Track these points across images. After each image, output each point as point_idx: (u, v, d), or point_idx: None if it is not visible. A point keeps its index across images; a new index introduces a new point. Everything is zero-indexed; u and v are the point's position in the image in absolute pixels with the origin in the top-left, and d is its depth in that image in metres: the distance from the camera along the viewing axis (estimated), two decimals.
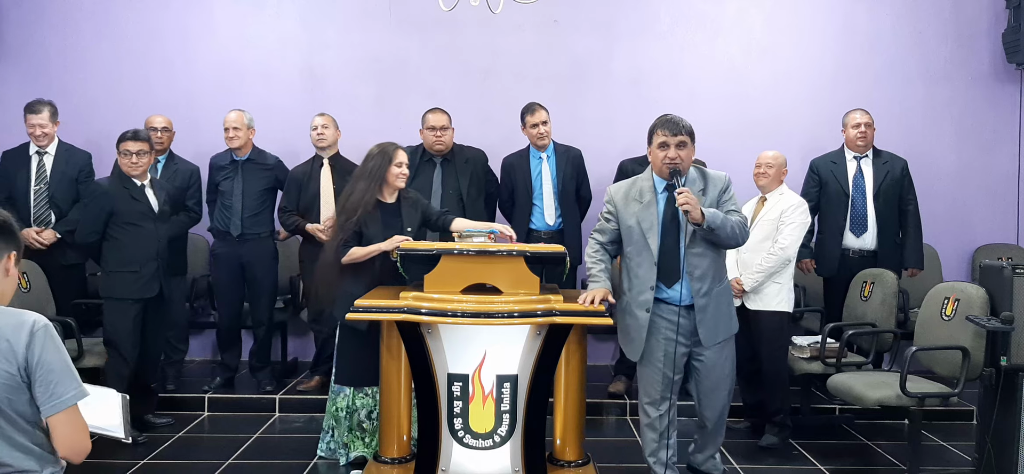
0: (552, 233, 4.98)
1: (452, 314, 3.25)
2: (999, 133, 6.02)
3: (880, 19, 5.99)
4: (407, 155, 4.01)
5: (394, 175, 3.91)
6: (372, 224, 3.83)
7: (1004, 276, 3.63)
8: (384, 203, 3.93)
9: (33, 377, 1.95)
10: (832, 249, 5.05)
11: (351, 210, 3.83)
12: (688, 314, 3.42)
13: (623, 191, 3.53)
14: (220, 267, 5.16)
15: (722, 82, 5.96)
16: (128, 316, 4.33)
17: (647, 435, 3.56)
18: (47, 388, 1.95)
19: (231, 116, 5.06)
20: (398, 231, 3.86)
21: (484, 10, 4.79)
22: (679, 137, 3.34)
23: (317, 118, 5.13)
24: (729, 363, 3.56)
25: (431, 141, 4.96)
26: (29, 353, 1.94)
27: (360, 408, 3.97)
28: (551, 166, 5.06)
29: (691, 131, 3.39)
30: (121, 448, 4.28)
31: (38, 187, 4.88)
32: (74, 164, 4.98)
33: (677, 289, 3.39)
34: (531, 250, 3.50)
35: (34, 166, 4.91)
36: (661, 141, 3.37)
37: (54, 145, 4.95)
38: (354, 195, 3.86)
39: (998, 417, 3.66)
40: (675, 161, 3.34)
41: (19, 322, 1.96)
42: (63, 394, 1.96)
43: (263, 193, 5.13)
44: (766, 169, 4.48)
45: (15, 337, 1.94)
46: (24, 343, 1.94)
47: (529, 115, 5.02)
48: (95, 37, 5.94)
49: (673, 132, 3.34)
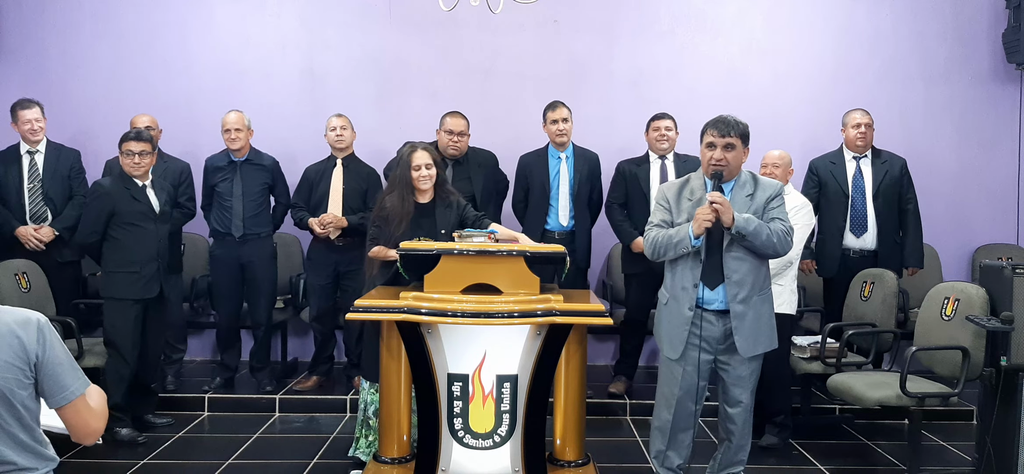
0: (565, 234, 4.97)
1: (452, 314, 3.25)
2: (999, 133, 6.02)
3: (880, 19, 5.99)
4: (429, 153, 3.93)
5: (416, 179, 3.89)
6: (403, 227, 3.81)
7: (1004, 276, 3.63)
8: (418, 204, 3.92)
9: (40, 372, 1.97)
10: (832, 249, 5.05)
11: (384, 218, 3.85)
12: (718, 319, 3.33)
13: (676, 189, 3.45)
14: (219, 268, 5.16)
15: (722, 82, 5.96)
16: (129, 316, 4.33)
17: (655, 437, 3.52)
18: (57, 382, 1.98)
19: (231, 117, 5.06)
20: (429, 231, 3.84)
21: (484, 10, 4.79)
22: (727, 139, 3.26)
23: (334, 119, 5.13)
24: (756, 377, 3.44)
25: (446, 143, 4.94)
26: (39, 349, 1.96)
27: (370, 404, 3.94)
28: (569, 167, 5.05)
29: (744, 133, 3.30)
30: (121, 448, 4.30)
31: (32, 185, 4.89)
32: (65, 161, 5.01)
33: (718, 293, 3.30)
34: (530, 250, 3.50)
35: (26, 165, 4.92)
36: (709, 141, 3.30)
37: (43, 143, 4.97)
38: (388, 205, 3.87)
39: (998, 417, 3.67)
40: (720, 163, 3.28)
41: (24, 319, 1.98)
42: (71, 385, 2.00)
43: (262, 193, 5.13)
44: (772, 169, 4.46)
45: (25, 334, 1.95)
46: (34, 339, 1.96)
47: (550, 111, 5.00)
48: (95, 37, 5.94)
49: (722, 133, 3.27)
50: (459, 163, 5.01)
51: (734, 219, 3.18)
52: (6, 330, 1.94)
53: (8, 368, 1.93)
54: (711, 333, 3.33)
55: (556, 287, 3.67)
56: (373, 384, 3.90)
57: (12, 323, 1.96)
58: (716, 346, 3.36)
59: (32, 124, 4.87)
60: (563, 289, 3.69)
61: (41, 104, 4.96)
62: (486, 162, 5.11)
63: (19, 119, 4.88)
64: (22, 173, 4.90)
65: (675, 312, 3.36)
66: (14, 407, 1.95)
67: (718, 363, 3.40)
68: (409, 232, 3.80)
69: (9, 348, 1.94)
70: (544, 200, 5.02)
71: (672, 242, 3.30)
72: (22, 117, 4.87)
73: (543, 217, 5.03)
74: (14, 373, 1.93)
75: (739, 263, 3.28)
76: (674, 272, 3.39)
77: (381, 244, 3.83)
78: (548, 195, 5.02)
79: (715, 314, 3.32)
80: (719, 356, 3.38)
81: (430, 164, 3.91)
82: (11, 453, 1.97)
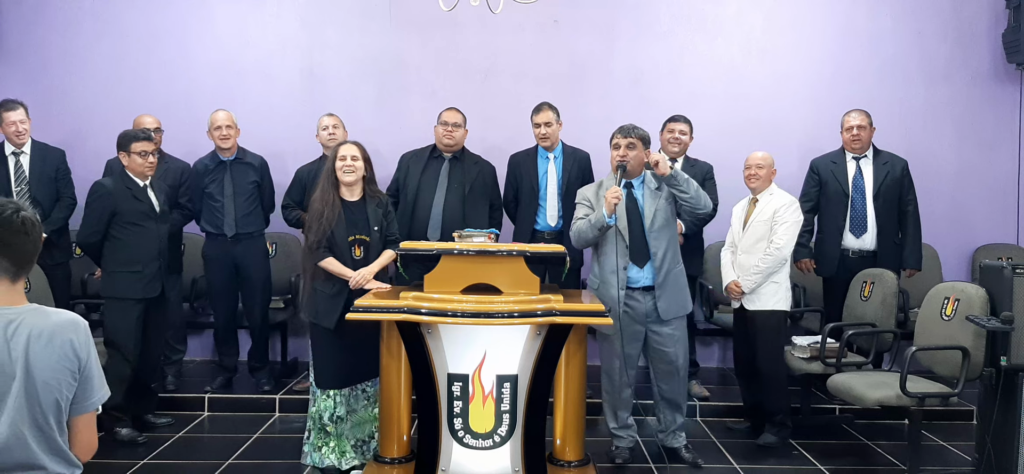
0: (554, 234, 4.97)
1: (452, 314, 3.25)
2: (999, 133, 6.02)
3: (880, 19, 5.99)
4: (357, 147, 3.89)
5: (340, 169, 3.83)
6: (337, 224, 3.79)
7: (1004, 276, 3.63)
8: (348, 201, 3.88)
9: (82, 375, 1.91)
10: (831, 249, 5.05)
11: (317, 213, 3.80)
12: (643, 296, 3.99)
13: (594, 190, 4.12)
14: (213, 268, 5.15)
15: (722, 82, 5.96)
16: (131, 316, 4.33)
17: (606, 405, 4.20)
18: (89, 384, 1.92)
19: (221, 115, 5.04)
20: (362, 229, 3.84)
21: (484, 10, 4.79)
22: (629, 139, 3.97)
23: (326, 118, 5.12)
24: (684, 342, 4.12)
25: (441, 135, 4.96)
26: (84, 352, 1.89)
27: (324, 410, 3.83)
28: (557, 167, 5.05)
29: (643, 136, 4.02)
30: (121, 448, 4.30)
31: (19, 187, 4.87)
32: (50, 162, 5.00)
33: (646, 270, 3.96)
34: (531, 250, 3.50)
35: (12, 166, 4.91)
36: (615, 143, 4.03)
37: (28, 144, 4.95)
38: (317, 199, 3.84)
39: (998, 417, 3.67)
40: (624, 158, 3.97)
41: (72, 321, 1.91)
42: (97, 393, 1.94)
43: (252, 192, 5.11)
44: (756, 170, 4.47)
45: (76, 337, 1.89)
46: (83, 341, 1.89)
47: (535, 115, 5.00)
48: (95, 37, 5.94)
49: (625, 135, 3.99)
50: (455, 159, 5.01)
51: (670, 168, 3.88)
52: (58, 331, 1.88)
53: (62, 371, 1.87)
54: (639, 308, 4.00)
55: (556, 287, 3.67)
56: (326, 391, 3.82)
57: (63, 324, 1.89)
58: (644, 319, 4.02)
59: (16, 126, 4.85)
60: (562, 290, 3.70)
61: (25, 105, 4.93)
62: (482, 164, 5.09)
63: (3, 121, 4.86)
64: (8, 175, 4.88)
65: (605, 294, 3.95)
66: (61, 411, 1.90)
67: (649, 332, 4.04)
68: (345, 230, 3.79)
69: (61, 350, 1.87)
70: (533, 200, 5.03)
71: (591, 224, 3.93)
72: (7, 118, 4.84)
73: (533, 216, 5.03)
74: (66, 377, 1.88)
75: (659, 241, 3.98)
76: (602, 258, 4.02)
77: (324, 247, 3.77)
78: (537, 195, 5.02)
79: (641, 291, 3.99)
80: (650, 326, 4.03)
81: (357, 156, 3.85)
82: (45, 458, 1.90)
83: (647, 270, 3.97)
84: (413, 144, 5.24)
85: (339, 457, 3.82)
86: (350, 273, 3.77)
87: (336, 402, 3.81)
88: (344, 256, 3.80)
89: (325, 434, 3.83)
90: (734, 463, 4.23)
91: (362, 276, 3.76)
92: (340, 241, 3.79)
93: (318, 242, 3.77)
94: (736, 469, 4.15)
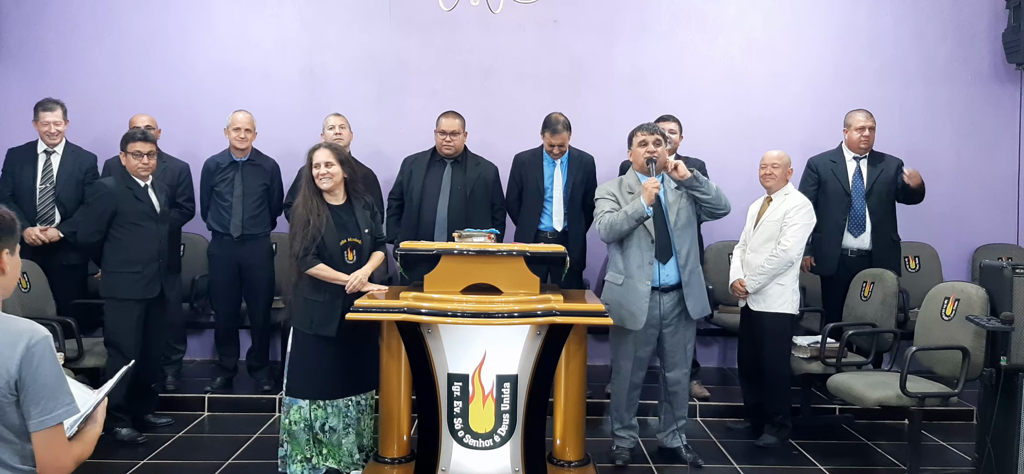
0: (558, 236, 4.96)
1: (452, 314, 3.26)
2: (999, 133, 6.02)
3: (880, 19, 5.99)
4: (330, 151, 3.82)
5: (317, 178, 3.76)
6: (327, 230, 3.73)
7: (1004, 276, 3.63)
8: (334, 205, 3.82)
9: (23, 392, 1.88)
10: (831, 249, 5.04)
11: (301, 220, 3.72)
12: (668, 295, 3.99)
13: (615, 186, 4.10)
14: (217, 268, 5.15)
15: (722, 82, 5.96)
16: (131, 316, 4.32)
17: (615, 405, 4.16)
18: (37, 404, 1.89)
19: (241, 117, 5.04)
20: (352, 231, 3.79)
21: (484, 10, 4.79)
22: (655, 136, 4.02)
23: (332, 118, 5.11)
24: (693, 342, 4.18)
25: (441, 143, 4.96)
26: (22, 368, 1.87)
27: (315, 420, 3.71)
28: (563, 171, 5.04)
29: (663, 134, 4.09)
30: (121, 448, 4.30)
31: (44, 186, 4.88)
32: (81, 165, 4.99)
33: (669, 267, 3.96)
34: (531, 250, 3.50)
35: (41, 165, 4.91)
36: (641, 140, 4.03)
37: (62, 145, 4.96)
38: (300, 205, 3.78)
39: (998, 417, 3.66)
40: (653, 152, 3.98)
41: (15, 336, 1.90)
42: (52, 410, 1.90)
43: (261, 194, 5.12)
44: (772, 169, 4.45)
45: (9, 352, 1.87)
46: (17, 358, 1.87)
47: (548, 133, 4.93)
48: (95, 37, 5.93)
49: (651, 132, 4.03)
50: (457, 162, 5.01)
51: (690, 172, 3.89)
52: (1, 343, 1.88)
53: None
54: (665, 307, 3.99)
55: (557, 287, 3.68)
56: (314, 402, 3.71)
57: (8, 334, 1.89)
58: (660, 323, 4.01)
59: (50, 127, 4.86)
60: (562, 290, 3.70)
61: (64, 105, 4.92)
62: (484, 166, 5.08)
63: (39, 120, 4.87)
64: (36, 173, 4.89)
65: (632, 289, 3.95)
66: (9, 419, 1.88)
67: (663, 333, 4.04)
68: (335, 235, 3.73)
69: None
70: (538, 201, 5.02)
71: (628, 216, 3.88)
72: (42, 118, 4.85)
73: (537, 217, 5.03)
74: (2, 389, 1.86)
75: (683, 240, 3.98)
76: (627, 254, 3.98)
77: (313, 254, 3.70)
78: (542, 196, 5.01)
79: (666, 291, 3.97)
80: (665, 328, 4.03)
81: (331, 162, 3.75)
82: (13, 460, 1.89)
83: (671, 267, 3.97)
84: (413, 143, 5.24)
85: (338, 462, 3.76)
86: (345, 277, 3.72)
87: (328, 413, 3.73)
88: (337, 261, 3.74)
89: (318, 444, 3.73)
90: (734, 463, 4.23)
91: (358, 279, 3.73)
92: (331, 246, 3.72)
93: (306, 249, 3.68)
94: (736, 469, 4.16)
